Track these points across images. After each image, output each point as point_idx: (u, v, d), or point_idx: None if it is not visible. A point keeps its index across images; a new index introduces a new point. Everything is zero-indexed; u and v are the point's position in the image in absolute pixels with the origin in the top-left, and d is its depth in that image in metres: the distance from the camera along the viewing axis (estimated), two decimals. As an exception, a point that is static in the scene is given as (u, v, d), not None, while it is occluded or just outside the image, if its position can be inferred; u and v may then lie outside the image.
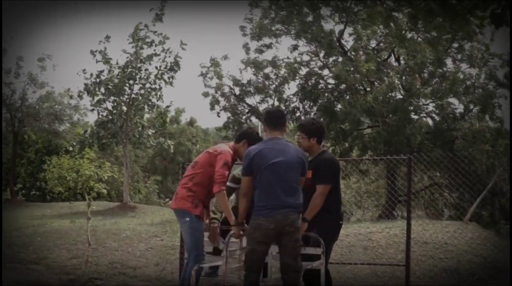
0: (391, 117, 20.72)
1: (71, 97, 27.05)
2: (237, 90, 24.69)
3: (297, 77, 23.76)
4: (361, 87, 21.70)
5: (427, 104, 21.72)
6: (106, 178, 11.75)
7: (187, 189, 6.38)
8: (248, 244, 6.05)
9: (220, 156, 6.44)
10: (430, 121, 22.11)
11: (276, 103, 24.28)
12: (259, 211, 5.89)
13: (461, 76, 21.11)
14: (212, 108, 24.86)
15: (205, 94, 24.91)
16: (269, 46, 24.00)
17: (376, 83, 21.55)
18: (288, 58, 23.88)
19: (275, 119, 6.49)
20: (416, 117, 21.50)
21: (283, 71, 23.81)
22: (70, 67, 67.89)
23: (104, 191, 12.07)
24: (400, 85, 21.09)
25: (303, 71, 23.79)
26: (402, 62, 22.29)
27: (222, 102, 24.82)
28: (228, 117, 24.76)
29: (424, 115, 22.04)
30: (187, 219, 6.26)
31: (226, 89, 24.77)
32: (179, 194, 6.48)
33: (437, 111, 21.52)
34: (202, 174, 6.42)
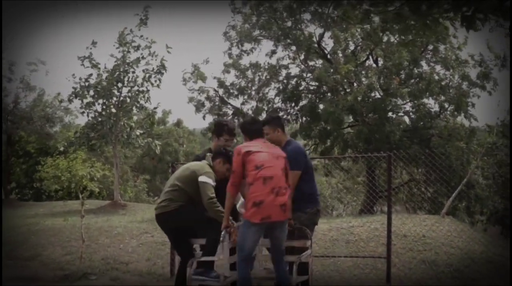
0: (370, 116, 20.87)
1: (60, 101, 27.02)
2: (221, 92, 24.74)
3: (279, 79, 23.83)
4: (341, 88, 21.82)
5: (405, 104, 21.95)
6: (98, 177, 11.80)
7: (289, 198, 6.16)
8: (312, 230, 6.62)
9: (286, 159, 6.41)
10: (407, 120, 22.30)
11: (260, 104, 24.37)
12: (317, 199, 6.76)
13: (436, 77, 21.31)
14: (198, 111, 24.87)
15: (190, 99, 24.88)
16: (249, 52, 24.09)
17: (355, 84, 21.69)
18: (268, 63, 24.02)
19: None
20: (394, 116, 21.66)
21: (264, 74, 23.88)
22: (64, 70, 67.39)
23: (97, 189, 12.10)
24: (378, 86, 21.25)
25: (284, 73, 23.89)
26: (380, 63, 22.44)
27: (207, 104, 24.85)
28: (214, 119, 24.79)
29: (402, 114, 22.23)
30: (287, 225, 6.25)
31: (211, 92, 24.82)
32: (288, 205, 6.11)
33: (414, 111, 21.74)
34: None
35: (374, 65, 22.81)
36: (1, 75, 25.14)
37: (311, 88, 23.62)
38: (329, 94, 22.16)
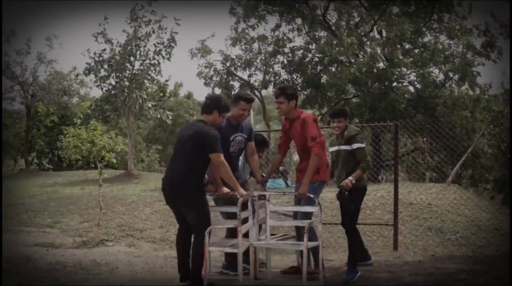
0: (375, 86, 20.55)
1: (77, 75, 27.08)
2: (227, 65, 24.42)
3: (285, 51, 23.46)
4: (346, 59, 21.42)
5: (409, 74, 21.53)
6: (119, 150, 11.71)
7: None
8: None
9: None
10: (412, 89, 21.96)
11: (267, 76, 24.09)
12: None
13: (440, 47, 20.89)
14: (207, 85, 24.61)
15: (199, 74, 24.55)
16: (255, 27, 23.71)
17: (360, 55, 21.30)
18: (275, 36, 23.61)
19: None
20: (399, 86, 21.29)
21: (270, 47, 23.51)
22: (78, 45, 66.95)
23: (114, 160, 11.96)
24: (382, 56, 20.86)
25: (290, 45, 23.54)
26: (384, 34, 22.06)
27: (215, 77, 24.55)
28: (222, 90, 24.56)
29: (406, 84, 21.86)
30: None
31: (218, 66, 24.52)
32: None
33: (418, 80, 21.31)
34: None
35: (378, 36, 22.41)
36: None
37: (316, 59, 23.23)
38: (335, 65, 21.69)
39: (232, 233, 6.51)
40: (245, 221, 6.32)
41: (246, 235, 6.41)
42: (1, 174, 24.04)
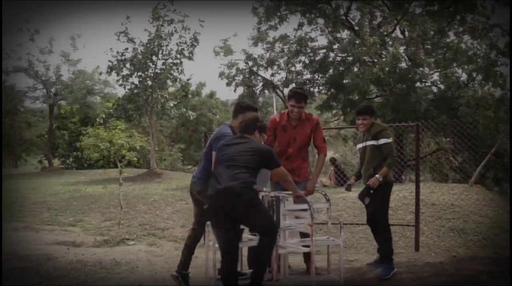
0: (398, 86, 20.38)
1: (100, 74, 27.28)
2: (250, 64, 24.42)
3: (307, 51, 23.36)
4: (369, 59, 21.26)
5: (432, 74, 21.32)
6: (138, 147, 11.75)
7: None
8: None
9: None
10: (435, 90, 21.72)
11: (289, 76, 24.01)
12: None
13: (464, 47, 20.65)
14: (229, 84, 24.64)
15: (221, 74, 24.61)
16: (277, 27, 23.65)
17: (383, 54, 21.14)
18: (296, 36, 23.54)
19: None
20: (421, 86, 21.08)
21: (293, 46, 23.43)
22: (100, 44, 67.49)
23: (135, 159, 12.01)
24: (405, 56, 20.67)
25: (312, 45, 23.44)
26: (407, 34, 21.86)
27: (237, 77, 24.56)
28: (244, 90, 24.56)
29: (429, 84, 21.63)
30: None
31: (241, 65, 24.53)
32: None
33: (441, 80, 21.09)
34: None
35: (401, 35, 22.21)
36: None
37: (339, 59, 23.10)
38: (357, 64, 21.53)
39: None
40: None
41: None
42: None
